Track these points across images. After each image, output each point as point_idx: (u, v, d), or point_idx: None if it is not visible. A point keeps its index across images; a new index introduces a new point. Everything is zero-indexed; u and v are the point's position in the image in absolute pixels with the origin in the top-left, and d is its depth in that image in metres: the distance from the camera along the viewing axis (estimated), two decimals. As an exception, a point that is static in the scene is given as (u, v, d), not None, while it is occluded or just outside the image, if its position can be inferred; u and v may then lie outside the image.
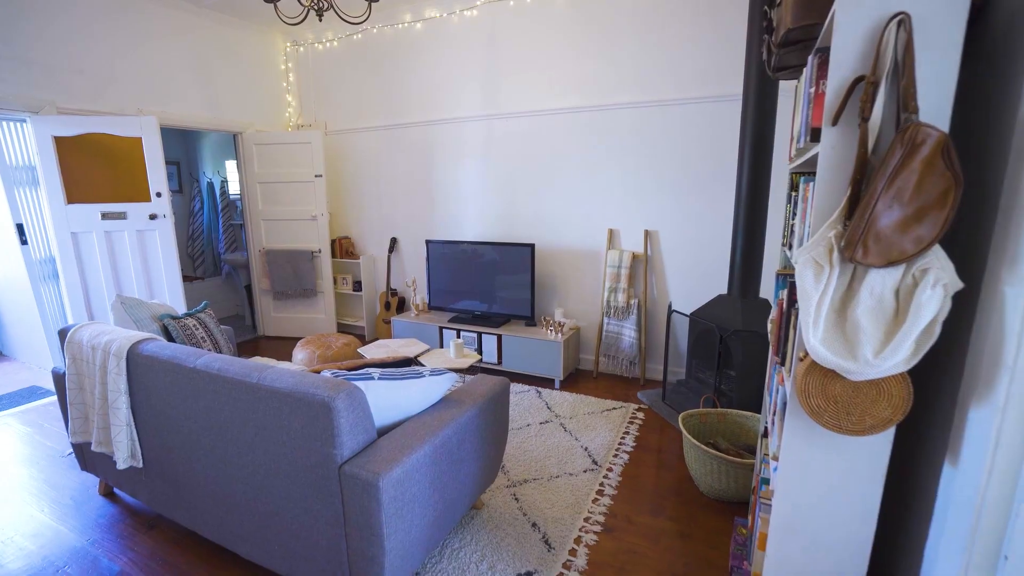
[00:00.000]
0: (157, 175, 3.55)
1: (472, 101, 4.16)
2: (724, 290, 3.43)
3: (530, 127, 3.98)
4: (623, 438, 2.95)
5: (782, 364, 1.30)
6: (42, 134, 3.31)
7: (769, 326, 1.63)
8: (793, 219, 1.46)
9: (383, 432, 1.69)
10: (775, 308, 1.54)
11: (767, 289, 3.20)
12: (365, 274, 4.85)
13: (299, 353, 3.86)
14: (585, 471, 2.60)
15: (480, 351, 3.95)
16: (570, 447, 2.83)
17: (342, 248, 4.93)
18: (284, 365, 2.73)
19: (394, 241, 4.80)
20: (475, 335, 3.94)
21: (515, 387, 3.68)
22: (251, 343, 4.89)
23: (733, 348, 2.85)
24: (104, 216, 3.51)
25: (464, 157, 4.31)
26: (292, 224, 4.75)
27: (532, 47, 3.85)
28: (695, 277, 3.59)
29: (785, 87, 2.90)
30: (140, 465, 2.03)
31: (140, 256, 3.61)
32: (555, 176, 3.95)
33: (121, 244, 3.58)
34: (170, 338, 2.32)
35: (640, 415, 3.24)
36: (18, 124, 3.37)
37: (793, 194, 1.51)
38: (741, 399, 2.84)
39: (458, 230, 4.47)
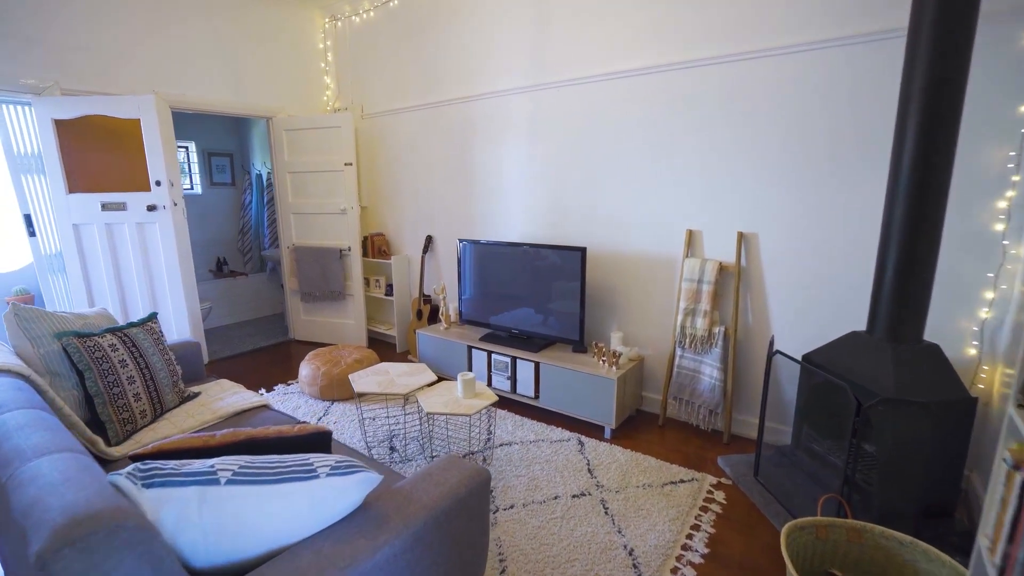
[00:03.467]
0: (157, 161, 3.16)
1: (517, 68, 3.36)
2: (860, 325, 2.34)
3: (585, 98, 3.10)
4: (690, 536, 2.01)
5: None
6: (43, 117, 3.03)
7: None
8: None
9: (227, 579, 0.96)
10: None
11: (935, 330, 2.09)
12: (397, 276, 4.25)
13: (304, 368, 3.34)
14: (624, 596, 1.72)
15: (514, 381, 3.16)
16: (608, 545, 1.95)
17: (374, 246, 4.36)
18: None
19: (429, 239, 4.15)
20: (509, 360, 3.16)
21: (552, 433, 2.84)
22: (282, 346, 4.50)
23: (879, 423, 1.80)
24: (104, 207, 3.19)
25: (507, 139, 3.52)
26: (321, 218, 4.26)
27: (592, -8, 2.97)
28: (812, 303, 2.52)
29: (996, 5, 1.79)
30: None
31: (140, 251, 3.26)
32: (616, 160, 3.05)
33: (122, 237, 3.24)
34: (73, 364, 1.79)
35: (719, 496, 2.27)
36: (25, 108, 3.13)
37: None
38: (889, 505, 1.79)
39: (500, 227, 3.70)
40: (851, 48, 2.26)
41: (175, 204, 3.29)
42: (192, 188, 5.56)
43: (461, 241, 3.48)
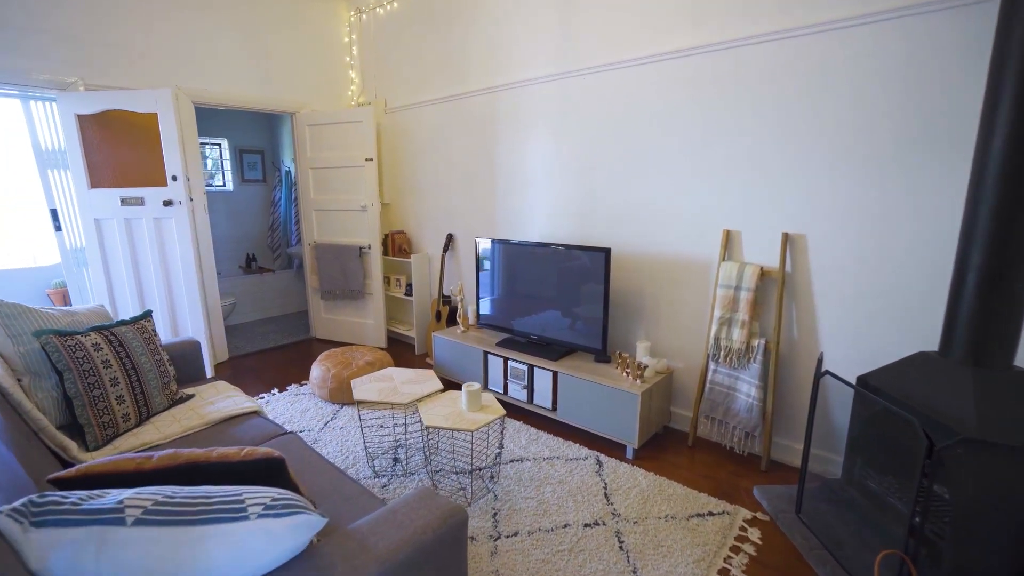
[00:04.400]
0: (173, 156, 3.12)
1: (543, 55, 3.15)
2: (930, 344, 2.00)
3: (614, 85, 2.85)
4: (718, 582, 1.75)
5: None
6: (66, 113, 3.05)
7: None
8: None
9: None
10: None
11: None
12: (417, 276, 4.11)
13: (315, 369, 3.24)
14: (634, 655, 1.47)
15: (531, 390, 2.95)
16: (620, 588, 1.71)
17: (395, 244, 4.24)
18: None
19: (450, 238, 3.98)
20: (526, 368, 2.94)
21: (569, 450, 2.61)
22: (303, 345, 4.45)
23: (953, 465, 1.48)
24: (123, 202, 3.18)
25: (531, 132, 3.31)
26: (341, 215, 4.18)
27: (622, -31, 2.72)
28: (871, 315, 2.19)
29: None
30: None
31: (157, 246, 3.24)
32: (647, 153, 2.78)
33: (140, 233, 3.23)
34: (53, 364, 1.71)
35: (754, 534, 1.98)
36: (51, 103, 3.16)
37: None
38: (967, 566, 1.47)
39: (524, 226, 3.49)
40: (927, 16, 1.92)
41: (191, 199, 3.25)
42: (224, 185, 5.63)
43: (479, 240, 3.29)
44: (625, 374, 2.67)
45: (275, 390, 3.40)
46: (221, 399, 2.10)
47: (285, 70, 4.09)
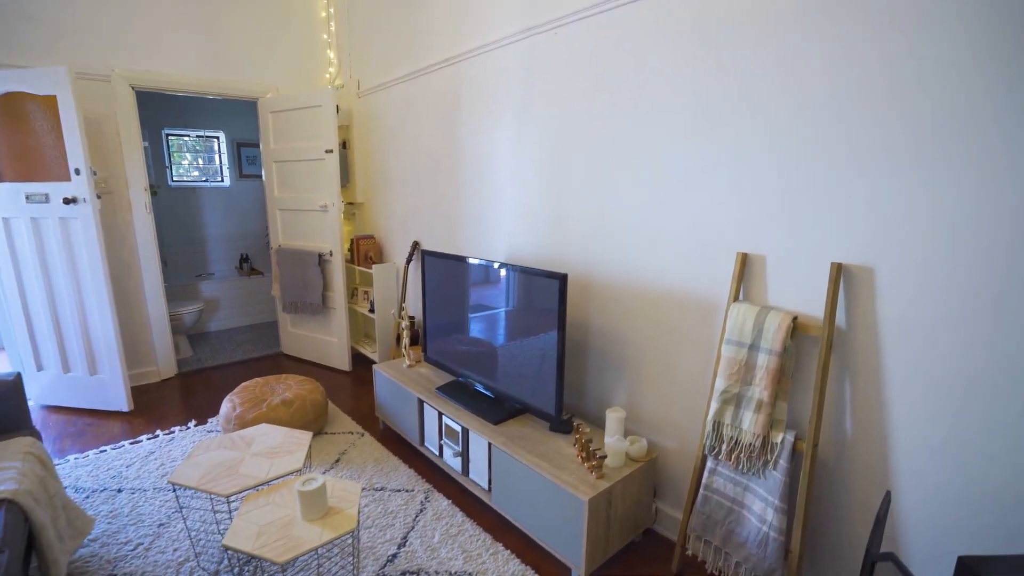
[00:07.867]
0: (75, 147, 2.66)
1: (507, 7, 2.35)
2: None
3: (595, 40, 2.00)
4: None
5: None
6: (-31, 96, 2.68)
7: None
8: None
9: None
10: None
11: None
12: (380, 290, 3.45)
13: (224, 404, 2.68)
14: None
15: (466, 459, 2.17)
16: None
17: (360, 252, 3.61)
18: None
19: (415, 247, 3.28)
20: (460, 429, 2.17)
21: (492, 562, 1.81)
22: (269, 360, 3.95)
23: None
24: (28, 198, 2.78)
25: (493, 113, 2.52)
26: (303, 216, 3.61)
27: None
28: (991, 420, 1.20)
29: None
30: None
31: (66, 249, 2.81)
32: (637, 139, 1.91)
33: (48, 233, 2.82)
34: None
35: None
36: (-36, 87, 2.82)
37: None
38: None
39: (490, 237, 2.71)
40: None
41: (99, 197, 2.79)
42: (221, 180, 5.30)
43: (425, 253, 2.56)
44: (580, 459, 1.83)
45: (192, 422, 2.87)
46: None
47: (251, 50, 3.57)
